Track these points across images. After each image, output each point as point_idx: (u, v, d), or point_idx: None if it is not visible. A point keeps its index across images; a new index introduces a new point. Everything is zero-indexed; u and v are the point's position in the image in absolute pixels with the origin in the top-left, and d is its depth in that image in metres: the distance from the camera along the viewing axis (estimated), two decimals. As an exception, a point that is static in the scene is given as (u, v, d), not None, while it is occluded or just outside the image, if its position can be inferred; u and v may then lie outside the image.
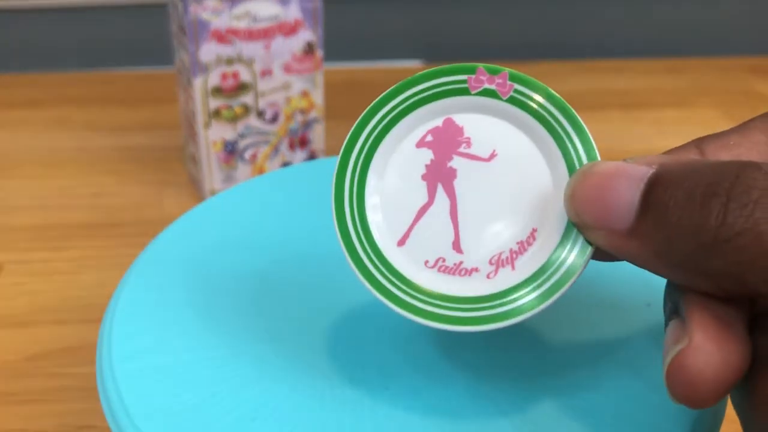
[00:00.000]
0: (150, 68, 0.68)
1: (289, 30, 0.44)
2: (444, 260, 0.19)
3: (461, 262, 0.19)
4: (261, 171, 0.48)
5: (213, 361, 0.21)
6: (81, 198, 0.49)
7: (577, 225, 0.18)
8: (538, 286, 0.18)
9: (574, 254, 0.18)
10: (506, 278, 0.18)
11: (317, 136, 0.49)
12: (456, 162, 0.19)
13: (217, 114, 0.45)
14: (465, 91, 0.19)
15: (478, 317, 0.18)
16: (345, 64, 0.69)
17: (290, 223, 0.27)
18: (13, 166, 0.52)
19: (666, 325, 0.16)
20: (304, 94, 0.47)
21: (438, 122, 0.19)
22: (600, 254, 0.18)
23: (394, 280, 0.18)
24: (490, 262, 0.19)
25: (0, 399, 0.34)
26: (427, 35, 0.71)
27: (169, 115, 0.59)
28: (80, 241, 0.44)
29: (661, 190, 0.15)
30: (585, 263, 0.18)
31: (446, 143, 0.19)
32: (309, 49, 0.45)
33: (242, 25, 0.43)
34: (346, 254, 0.19)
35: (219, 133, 0.45)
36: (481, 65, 0.19)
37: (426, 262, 0.19)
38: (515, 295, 0.18)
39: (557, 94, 0.19)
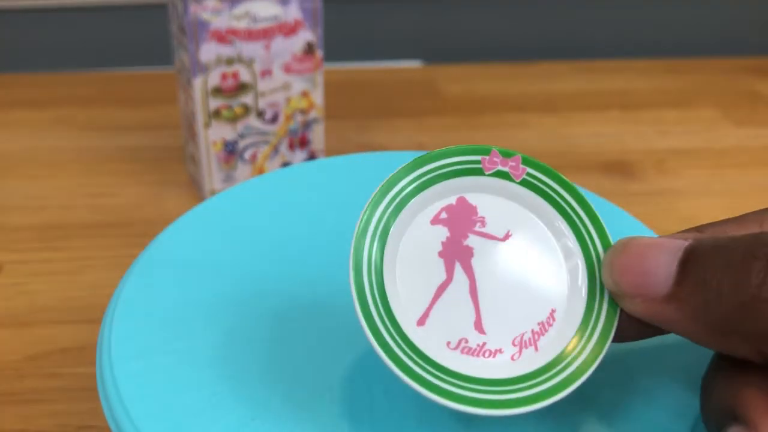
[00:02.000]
0: (150, 68, 0.68)
1: (289, 30, 0.44)
2: (467, 341, 0.18)
3: (485, 344, 0.18)
4: (261, 171, 0.48)
5: (213, 361, 0.21)
6: (81, 198, 0.49)
7: (615, 294, 0.18)
8: (563, 370, 0.18)
9: (596, 336, 0.18)
10: (531, 360, 0.18)
11: (317, 136, 0.49)
12: (471, 240, 0.19)
13: (216, 114, 0.45)
14: (479, 171, 0.19)
15: (504, 400, 0.18)
16: (345, 65, 0.69)
17: (290, 223, 0.27)
18: (13, 166, 0.52)
19: (717, 421, 0.17)
20: (304, 95, 0.47)
21: (452, 200, 0.19)
22: (623, 334, 0.19)
23: (418, 360, 0.18)
24: (513, 343, 0.18)
25: (0, 399, 0.34)
26: (427, 36, 0.71)
27: (169, 116, 0.59)
28: (80, 241, 0.44)
29: (699, 257, 0.16)
30: (607, 345, 0.18)
31: (461, 221, 0.19)
32: (309, 49, 0.45)
33: (242, 25, 0.43)
34: (369, 336, 0.18)
35: (219, 133, 0.45)
36: (495, 148, 0.19)
37: (448, 344, 0.18)
38: (540, 378, 0.18)
39: (567, 179, 0.19)
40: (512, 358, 0.18)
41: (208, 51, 0.42)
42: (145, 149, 0.55)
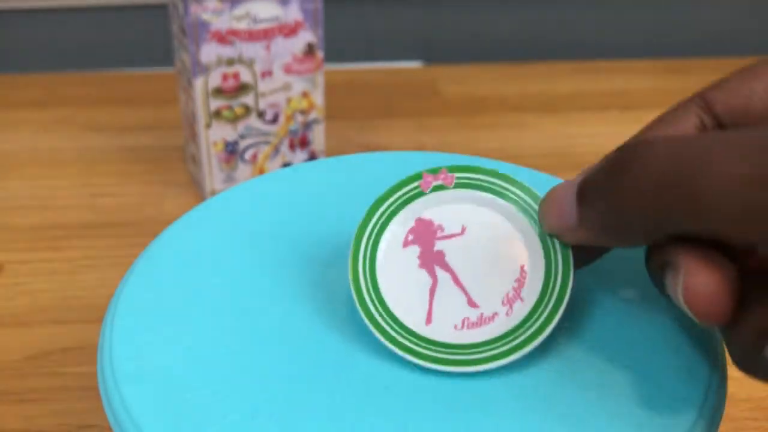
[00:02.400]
0: (151, 69, 0.68)
1: (290, 31, 0.44)
2: (468, 318, 0.22)
3: (482, 314, 0.22)
4: (261, 171, 0.48)
5: (213, 360, 0.21)
6: (82, 198, 0.49)
7: (553, 234, 0.22)
8: (547, 303, 0.22)
9: (560, 268, 0.22)
10: (521, 310, 0.22)
11: (317, 136, 0.49)
12: (439, 245, 0.23)
13: (217, 114, 0.45)
14: (421, 194, 0.24)
15: (515, 346, 0.21)
16: (345, 65, 0.69)
17: (291, 223, 0.27)
18: (15, 166, 0.52)
19: (660, 278, 0.20)
20: (305, 95, 0.47)
21: (411, 224, 0.23)
22: (577, 260, 0.22)
23: (432, 347, 0.21)
24: (503, 303, 0.22)
25: (1, 398, 0.34)
26: (427, 36, 0.71)
27: (170, 116, 0.59)
28: (81, 241, 0.44)
29: (586, 190, 0.20)
30: (572, 272, 0.22)
31: (425, 236, 0.23)
32: (309, 49, 0.45)
33: (243, 25, 0.43)
34: (393, 348, 0.21)
35: (219, 133, 0.45)
36: (424, 171, 0.24)
37: (456, 326, 0.22)
38: (534, 318, 0.22)
39: (482, 166, 0.24)
40: (507, 315, 0.22)
41: (209, 51, 0.43)
42: (146, 149, 0.55)
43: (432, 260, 0.23)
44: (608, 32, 0.72)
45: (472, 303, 0.22)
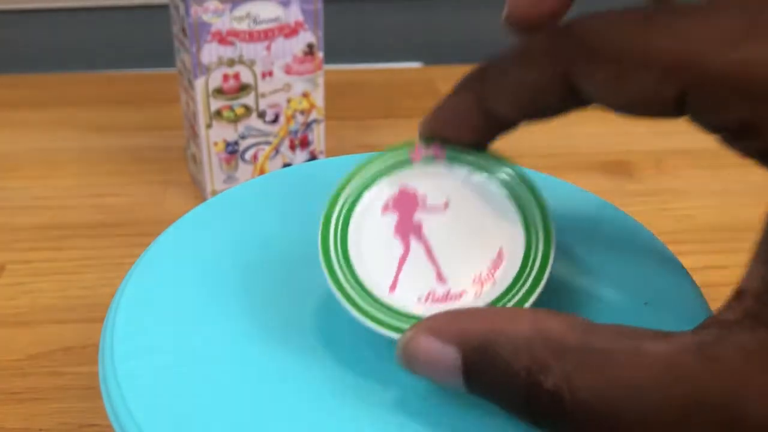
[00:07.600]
0: (152, 70, 0.68)
1: (290, 31, 0.44)
2: (434, 293, 0.21)
3: (449, 290, 0.21)
4: (262, 172, 0.48)
5: (215, 360, 0.22)
6: (83, 198, 0.49)
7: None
8: (518, 290, 0.21)
9: (539, 257, 0.21)
10: (491, 292, 0.21)
11: (318, 137, 0.49)
12: (418, 216, 0.22)
13: (218, 115, 0.45)
14: (409, 163, 0.23)
15: None
16: (345, 66, 0.69)
17: (291, 223, 0.28)
18: (16, 166, 0.53)
19: None
20: (305, 95, 0.47)
21: (395, 191, 0.23)
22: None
23: (395, 316, 0.20)
24: (474, 282, 0.21)
25: (2, 398, 0.34)
26: (427, 37, 0.71)
27: (170, 116, 0.59)
28: (82, 241, 0.45)
29: (474, 373, 0.18)
30: (551, 259, 0.21)
31: (406, 205, 0.23)
32: (309, 50, 0.45)
33: (243, 26, 0.43)
34: (350, 309, 0.20)
35: (220, 133, 0.46)
36: (416, 140, 0.23)
37: (419, 299, 0.21)
38: (503, 302, 0.21)
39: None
40: (476, 295, 0.21)
41: (210, 52, 0.43)
42: (146, 150, 0.55)
43: (408, 230, 0.22)
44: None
45: (441, 277, 0.21)
